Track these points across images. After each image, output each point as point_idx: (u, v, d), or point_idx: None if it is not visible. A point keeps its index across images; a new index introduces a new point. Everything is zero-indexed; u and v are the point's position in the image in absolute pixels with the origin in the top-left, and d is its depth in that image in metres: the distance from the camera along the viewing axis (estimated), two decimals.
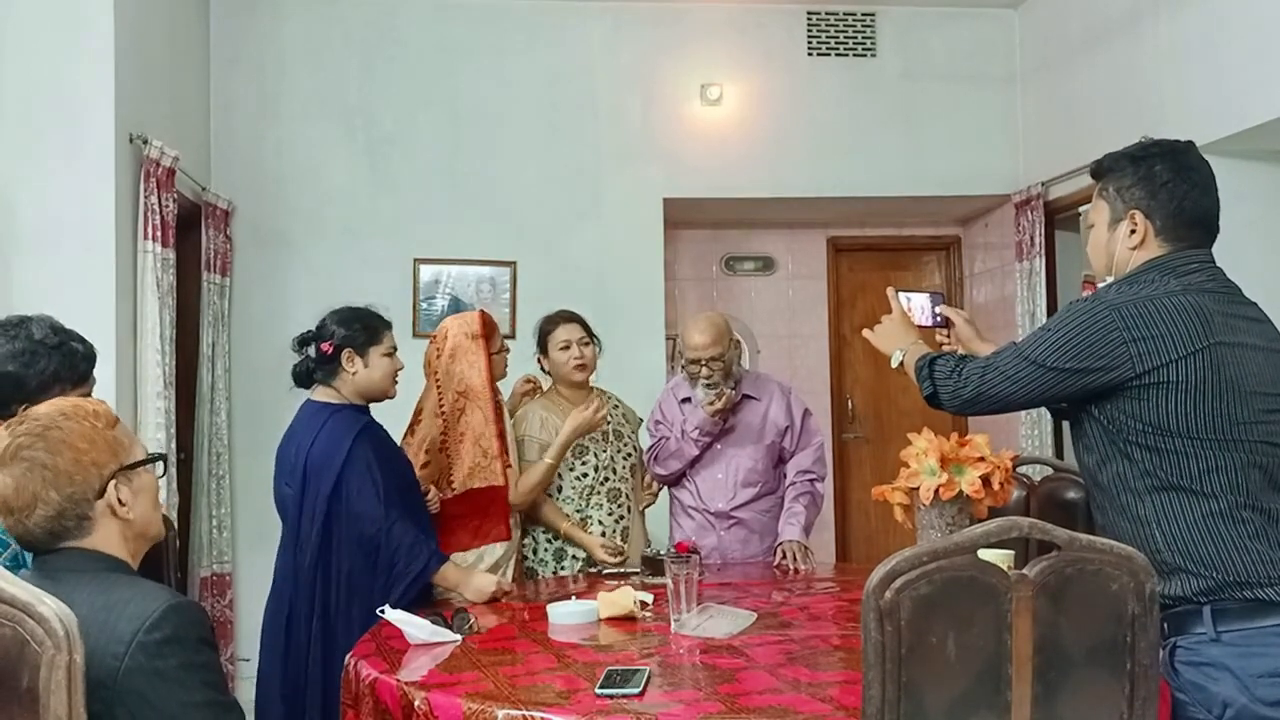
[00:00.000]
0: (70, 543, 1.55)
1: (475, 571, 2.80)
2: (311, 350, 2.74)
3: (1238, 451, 1.74)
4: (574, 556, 3.21)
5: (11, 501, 1.51)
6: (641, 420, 3.52)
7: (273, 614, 2.71)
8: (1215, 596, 1.71)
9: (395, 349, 2.83)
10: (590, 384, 3.38)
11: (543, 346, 3.34)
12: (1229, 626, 1.70)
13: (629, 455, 3.35)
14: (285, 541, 2.71)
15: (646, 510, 3.48)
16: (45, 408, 1.60)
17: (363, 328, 2.76)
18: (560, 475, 3.22)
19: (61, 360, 2.06)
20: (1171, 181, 1.86)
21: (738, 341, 3.31)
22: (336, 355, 2.72)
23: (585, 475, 3.24)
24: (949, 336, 2.29)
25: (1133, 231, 1.88)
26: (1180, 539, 1.74)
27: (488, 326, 3.08)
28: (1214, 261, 1.88)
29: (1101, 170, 1.96)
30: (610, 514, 3.25)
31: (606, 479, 3.26)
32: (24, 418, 1.58)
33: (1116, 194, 1.91)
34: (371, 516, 2.60)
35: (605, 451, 3.28)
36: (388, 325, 2.84)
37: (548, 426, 3.20)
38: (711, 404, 3.15)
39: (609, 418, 3.28)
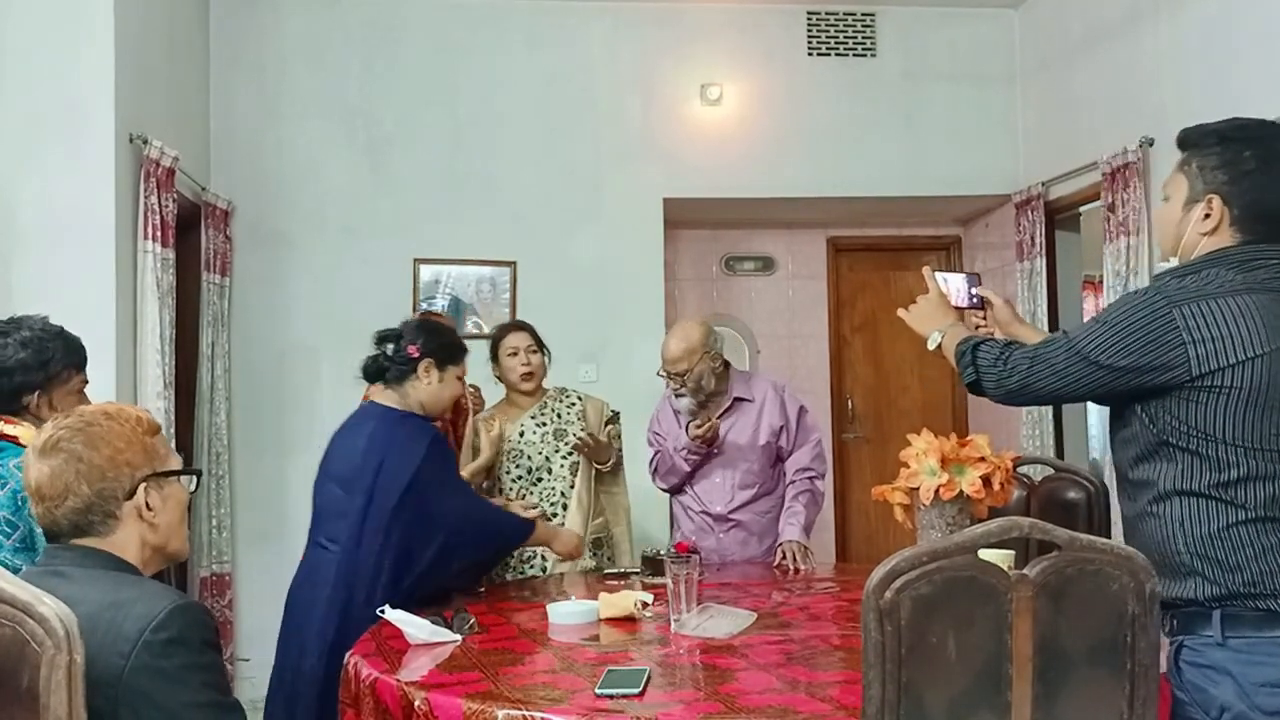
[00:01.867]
0: (90, 538, 1.57)
1: (561, 529, 3.09)
2: (389, 348, 2.77)
3: (1278, 463, 1.68)
4: (522, 558, 3.28)
5: (45, 490, 1.55)
6: (618, 413, 3.52)
7: (312, 613, 2.59)
8: (1228, 603, 1.68)
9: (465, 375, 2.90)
10: (543, 385, 3.44)
11: (494, 353, 3.43)
12: (1237, 633, 1.67)
13: (569, 454, 3.34)
14: (344, 542, 2.60)
15: (625, 513, 3.48)
16: (91, 407, 1.66)
17: (449, 344, 2.84)
18: (499, 478, 3.33)
19: (65, 346, 2.22)
20: (1258, 170, 1.76)
21: (717, 354, 3.23)
22: (417, 362, 2.75)
23: (520, 478, 3.32)
24: (985, 319, 2.22)
25: (1207, 216, 1.78)
26: (1202, 543, 1.70)
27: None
28: None
29: (1187, 142, 1.84)
30: (543, 515, 3.26)
31: (540, 479, 3.32)
32: (69, 413, 1.62)
33: (1199, 172, 1.80)
34: (460, 508, 2.71)
35: (541, 453, 3.32)
36: (466, 352, 2.91)
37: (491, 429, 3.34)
38: (698, 426, 3.14)
39: (555, 417, 3.36)
